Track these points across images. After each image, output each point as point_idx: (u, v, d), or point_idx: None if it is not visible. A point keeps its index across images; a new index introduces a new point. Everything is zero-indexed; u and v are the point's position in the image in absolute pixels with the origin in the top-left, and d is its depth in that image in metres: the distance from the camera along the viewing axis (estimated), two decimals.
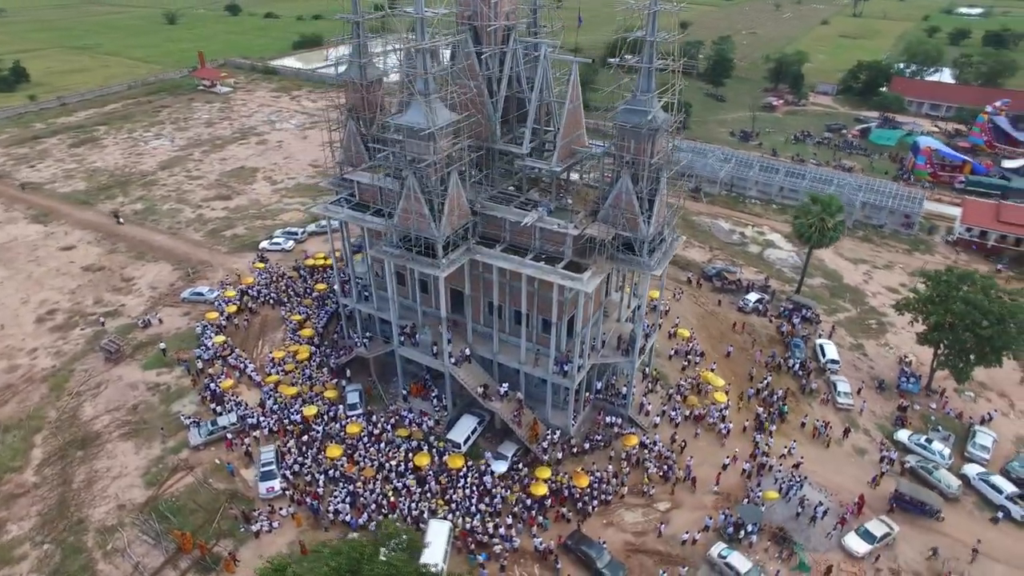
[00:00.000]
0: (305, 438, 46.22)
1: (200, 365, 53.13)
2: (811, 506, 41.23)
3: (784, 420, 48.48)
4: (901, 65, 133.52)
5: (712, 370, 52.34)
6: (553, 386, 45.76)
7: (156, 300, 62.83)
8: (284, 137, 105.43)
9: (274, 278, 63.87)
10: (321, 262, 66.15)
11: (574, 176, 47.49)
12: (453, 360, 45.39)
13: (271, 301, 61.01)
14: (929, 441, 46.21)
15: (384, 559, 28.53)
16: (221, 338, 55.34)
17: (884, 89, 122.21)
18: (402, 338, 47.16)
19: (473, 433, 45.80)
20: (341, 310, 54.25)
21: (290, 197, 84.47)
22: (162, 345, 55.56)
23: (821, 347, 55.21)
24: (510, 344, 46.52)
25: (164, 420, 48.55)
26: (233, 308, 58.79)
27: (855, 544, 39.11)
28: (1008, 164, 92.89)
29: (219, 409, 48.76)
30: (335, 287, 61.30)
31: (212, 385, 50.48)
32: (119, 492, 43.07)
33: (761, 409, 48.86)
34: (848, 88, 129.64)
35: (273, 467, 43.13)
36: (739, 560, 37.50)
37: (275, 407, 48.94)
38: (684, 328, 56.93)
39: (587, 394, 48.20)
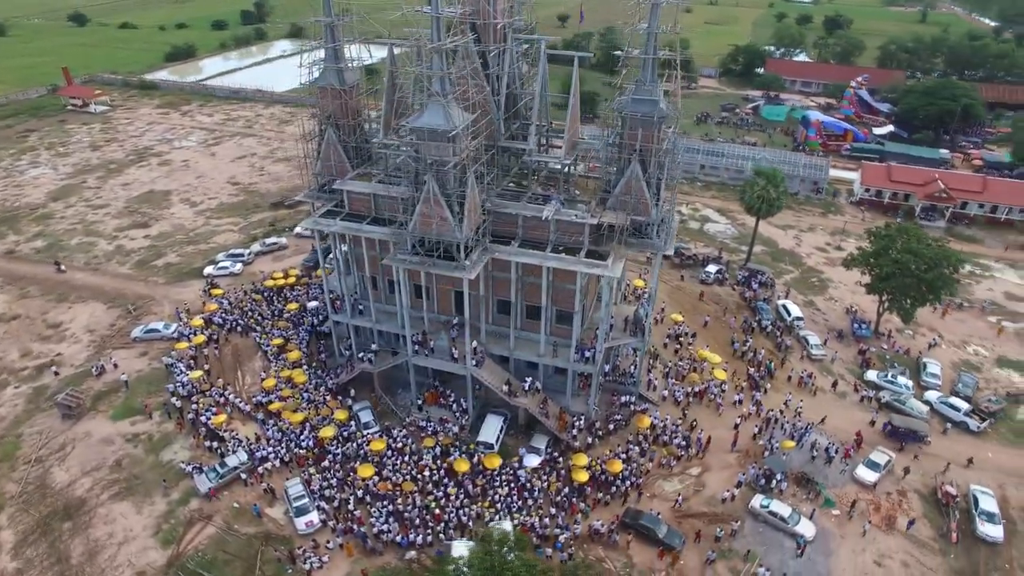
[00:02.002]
0: (326, 463, 44.06)
1: (178, 404, 48.73)
2: (821, 448, 45.58)
3: (773, 376, 52.83)
4: (771, 48, 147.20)
5: (707, 348, 55.54)
6: (568, 374, 46.86)
7: (102, 344, 56.39)
8: (188, 156, 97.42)
9: (237, 303, 59.56)
10: (282, 281, 62.48)
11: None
12: (474, 362, 45.08)
13: (239, 328, 56.87)
14: (895, 377, 52.41)
15: (516, 561, 28.31)
16: (198, 373, 50.98)
17: (761, 71, 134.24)
18: (416, 347, 46.06)
19: (501, 432, 45.84)
20: (332, 328, 51.77)
21: (218, 218, 78.54)
22: (124, 376, 51.23)
23: (784, 307, 60.57)
24: (521, 339, 46.94)
25: (158, 471, 44.10)
26: (201, 339, 54.29)
27: (865, 474, 43.83)
28: (878, 131, 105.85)
29: (218, 447, 45.13)
30: (308, 305, 58.81)
31: (203, 419, 46.64)
32: (132, 558, 38.73)
33: (753, 369, 52.90)
34: (729, 70, 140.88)
35: (306, 500, 40.73)
36: (780, 507, 40.82)
37: (279, 436, 46.11)
38: (676, 313, 59.43)
39: (600, 378, 49.65)
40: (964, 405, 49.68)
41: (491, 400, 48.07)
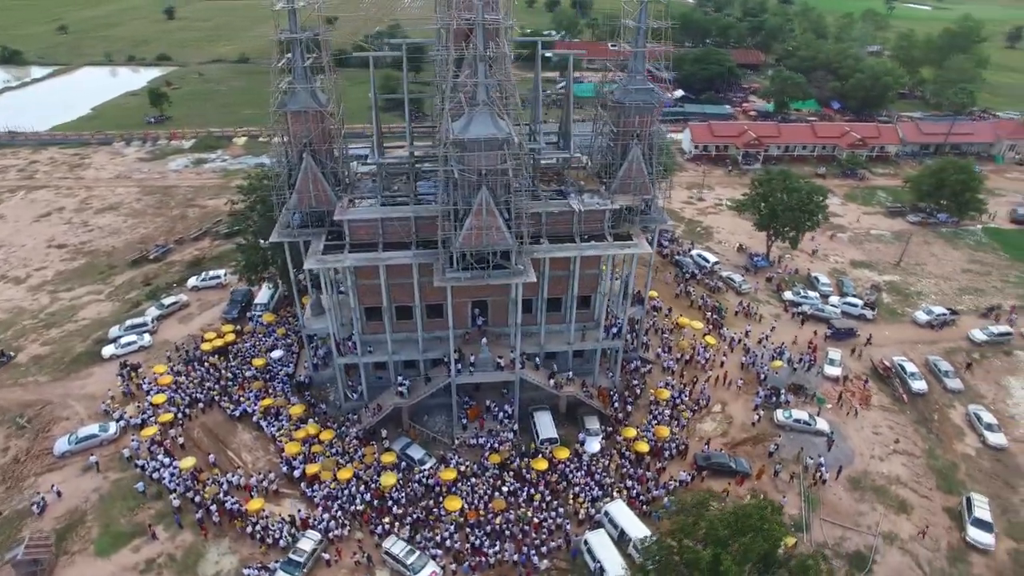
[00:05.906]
0: (399, 510, 40.95)
1: (177, 503, 40.82)
2: (796, 361, 54.76)
3: (724, 316, 61.12)
4: (553, 32, 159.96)
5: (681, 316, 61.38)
6: (585, 353, 49.35)
7: (8, 475, 43.66)
8: None
9: (187, 374, 50.68)
10: (220, 341, 54.09)
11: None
12: (521, 365, 45.17)
13: (200, 403, 48.46)
14: (805, 293, 64.21)
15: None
16: (190, 461, 42.95)
17: (550, 54, 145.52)
18: (459, 367, 44.48)
19: (556, 425, 46.76)
20: (336, 370, 47.04)
21: (67, 290, 63.88)
22: (93, 459, 44.10)
23: (701, 255, 69.57)
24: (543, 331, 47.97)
25: None
26: (169, 416, 45.85)
27: (831, 370, 53.93)
28: (676, 95, 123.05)
29: (259, 535, 39.22)
30: (273, 355, 52.40)
31: (231, 508, 40.24)
32: None
33: (711, 313, 60.56)
34: (520, 57, 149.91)
35: (416, 553, 37.70)
36: (800, 414, 48.72)
37: (329, 501, 41.50)
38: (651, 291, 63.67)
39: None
40: (859, 302, 63.15)
41: (522, 400, 48.42)
